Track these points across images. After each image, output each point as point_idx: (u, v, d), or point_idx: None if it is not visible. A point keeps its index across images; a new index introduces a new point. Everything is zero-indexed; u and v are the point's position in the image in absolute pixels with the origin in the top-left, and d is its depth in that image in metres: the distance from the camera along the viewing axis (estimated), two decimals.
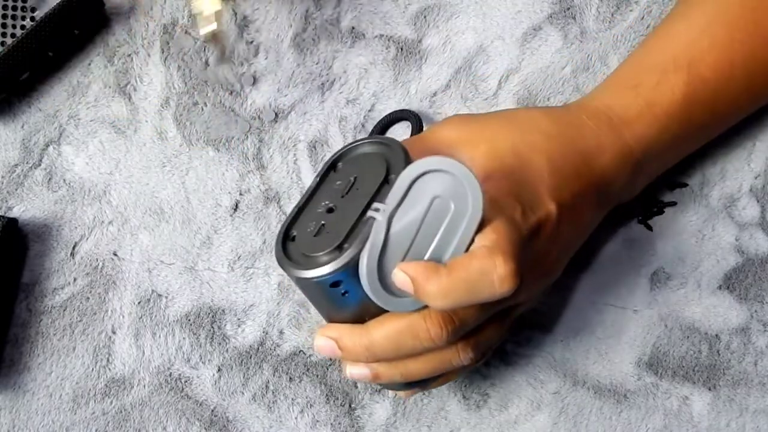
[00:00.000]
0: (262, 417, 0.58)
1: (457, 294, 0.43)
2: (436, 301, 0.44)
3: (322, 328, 0.48)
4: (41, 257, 0.58)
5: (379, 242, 0.43)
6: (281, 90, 0.60)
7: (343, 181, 0.47)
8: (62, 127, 0.59)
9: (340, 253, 0.43)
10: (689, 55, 0.53)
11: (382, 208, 0.43)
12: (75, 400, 0.58)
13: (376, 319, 0.47)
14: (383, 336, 0.46)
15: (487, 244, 0.44)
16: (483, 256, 0.43)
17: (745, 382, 0.59)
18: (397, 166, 0.45)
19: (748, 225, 0.60)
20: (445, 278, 0.43)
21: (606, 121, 0.52)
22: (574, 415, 0.59)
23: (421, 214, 0.43)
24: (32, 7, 0.58)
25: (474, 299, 0.44)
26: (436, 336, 0.45)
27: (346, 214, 0.45)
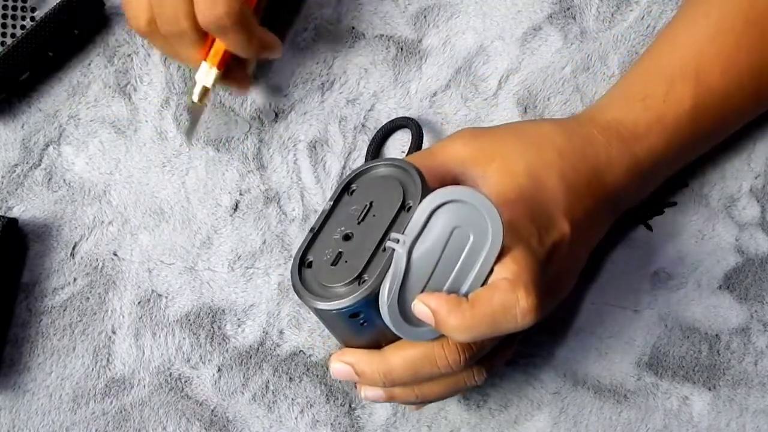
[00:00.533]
0: (262, 417, 0.58)
1: (480, 328, 0.43)
2: (458, 335, 0.44)
3: (339, 353, 0.48)
4: (41, 257, 0.58)
5: (399, 274, 0.43)
6: (281, 90, 0.60)
7: (358, 205, 0.46)
8: (62, 127, 0.59)
9: (360, 285, 0.43)
10: (696, 64, 0.53)
11: (401, 239, 0.43)
12: (75, 400, 0.58)
13: (393, 345, 0.47)
14: (401, 363, 0.46)
15: (509, 277, 0.44)
16: (505, 290, 0.43)
17: (745, 382, 0.59)
18: (414, 192, 0.45)
19: (748, 225, 0.60)
20: (468, 313, 0.43)
21: (616, 136, 0.52)
22: (574, 415, 0.59)
23: (441, 245, 0.43)
24: (32, 7, 0.58)
25: (495, 332, 0.44)
26: (454, 363, 0.46)
27: (363, 242, 0.44)
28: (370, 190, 0.46)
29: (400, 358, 0.46)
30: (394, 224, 0.44)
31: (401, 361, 0.46)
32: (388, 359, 0.47)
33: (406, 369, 0.47)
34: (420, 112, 0.60)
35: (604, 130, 0.52)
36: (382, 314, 0.44)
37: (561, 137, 0.51)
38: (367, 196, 0.46)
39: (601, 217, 0.53)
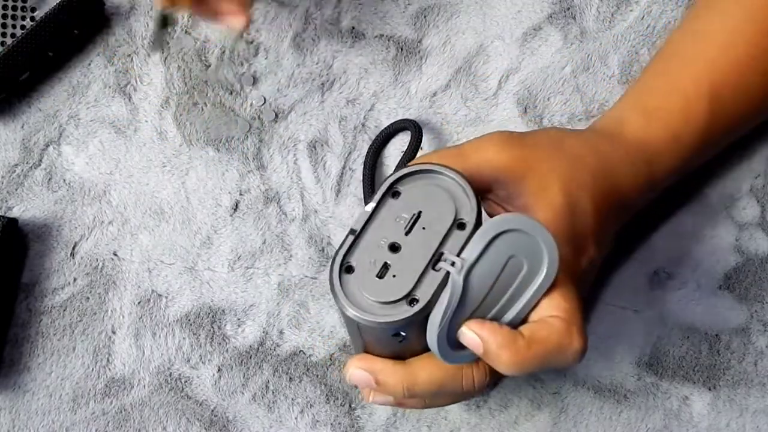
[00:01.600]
0: (262, 417, 0.58)
1: (531, 365, 0.42)
2: (506, 369, 0.42)
3: (359, 358, 0.47)
4: (41, 257, 0.58)
5: (455, 300, 0.41)
6: (281, 90, 0.60)
7: (405, 213, 0.43)
8: (62, 127, 0.59)
9: (411, 305, 0.41)
10: (710, 78, 0.53)
11: (458, 263, 0.41)
12: (75, 400, 0.58)
13: (420, 360, 0.46)
14: (427, 379, 0.45)
15: (561, 315, 0.42)
16: (560, 331, 0.42)
17: (745, 382, 0.59)
18: (467, 210, 0.43)
19: (748, 225, 0.60)
20: (523, 350, 0.42)
21: (642, 157, 0.52)
22: (574, 415, 0.59)
23: (497, 273, 0.42)
24: (32, 7, 0.58)
25: (543, 368, 0.44)
26: (479, 384, 0.45)
27: (412, 257, 0.42)
28: (418, 198, 0.44)
29: (427, 374, 0.45)
30: (445, 242, 0.42)
31: (427, 377, 0.45)
32: (414, 374, 0.45)
33: (431, 385, 0.45)
34: (420, 112, 0.60)
35: (631, 151, 0.52)
36: (429, 338, 0.42)
37: (594, 159, 0.50)
38: (414, 204, 0.43)
39: (616, 233, 0.53)
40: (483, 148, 0.48)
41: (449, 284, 0.41)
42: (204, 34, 0.60)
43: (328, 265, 0.54)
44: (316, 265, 0.59)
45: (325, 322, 0.59)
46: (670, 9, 0.61)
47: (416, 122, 0.58)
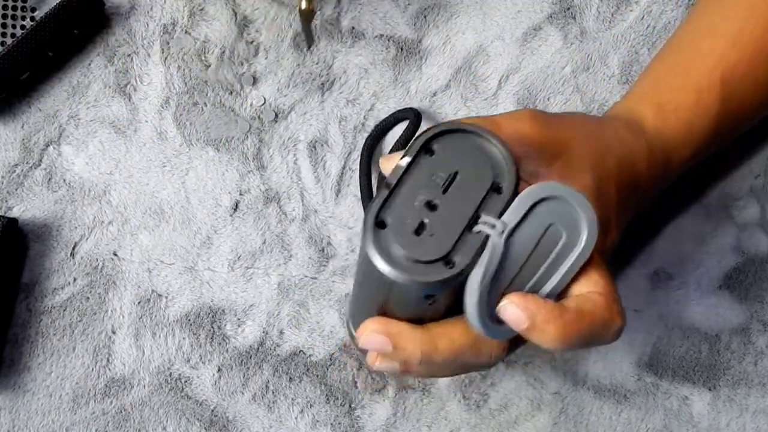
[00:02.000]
0: (262, 417, 0.58)
1: (577, 340, 0.41)
2: (553, 344, 0.41)
3: (376, 320, 0.44)
4: (41, 257, 0.58)
5: (494, 265, 0.39)
6: (281, 90, 0.60)
7: (442, 172, 0.41)
8: (62, 127, 0.59)
9: (448, 267, 0.39)
10: (721, 71, 0.53)
11: (498, 225, 0.39)
12: (75, 400, 0.58)
13: (441, 326, 0.43)
14: (447, 347, 0.43)
15: (601, 292, 0.42)
16: (604, 307, 0.41)
17: (745, 382, 0.59)
18: (504, 174, 0.41)
19: (748, 225, 0.60)
20: (572, 324, 0.41)
21: (660, 147, 0.52)
22: (574, 415, 0.59)
23: (535, 240, 0.40)
24: (32, 7, 0.58)
25: (585, 345, 0.42)
26: (497, 357, 0.44)
27: (450, 217, 0.40)
28: (454, 158, 0.42)
29: (448, 341, 0.43)
30: (483, 205, 0.40)
31: (448, 345, 0.43)
32: (435, 340, 0.43)
33: (451, 353, 0.43)
34: (420, 112, 0.60)
35: (651, 142, 0.52)
36: (466, 304, 0.40)
37: (619, 148, 0.50)
38: (450, 163, 0.41)
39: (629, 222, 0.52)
40: (517, 121, 0.47)
41: (489, 247, 0.39)
42: (204, 34, 0.60)
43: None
44: (316, 265, 0.59)
45: (325, 322, 0.59)
46: (670, 9, 0.61)
47: (416, 110, 0.58)
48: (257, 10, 0.60)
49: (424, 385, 0.59)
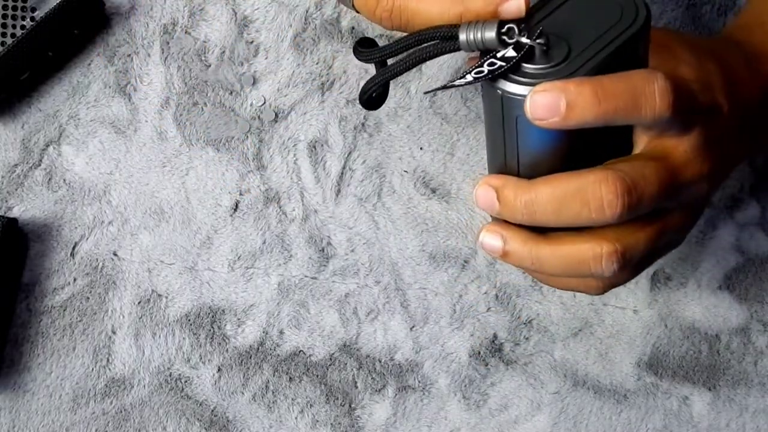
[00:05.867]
0: (262, 417, 0.58)
1: (616, 100, 0.40)
2: (592, 106, 0.39)
3: (486, 177, 0.43)
4: (41, 257, 0.58)
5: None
6: (281, 90, 0.60)
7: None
8: (62, 127, 0.59)
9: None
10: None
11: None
12: (75, 400, 0.58)
13: (545, 176, 0.42)
14: (549, 193, 0.42)
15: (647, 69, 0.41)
16: (643, 71, 0.41)
17: (745, 382, 0.59)
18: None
19: (748, 225, 0.60)
20: (607, 80, 0.40)
21: (743, 56, 0.50)
22: (574, 415, 0.59)
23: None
24: (32, 7, 0.58)
25: (631, 114, 0.40)
26: (609, 204, 0.40)
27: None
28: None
29: (551, 188, 0.41)
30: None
31: (550, 192, 0.41)
32: (537, 187, 0.42)
33: (554, 202, 0.41)
34: (420, 112, 0.60)
35: (737, 44, 0.51)
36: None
37: (712, 44, 0.49)
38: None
39: (744, 131, 0.49)
40: None
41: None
42: (204, 34, 0.60)
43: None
44: (316, 265, 0.59)
45: (325, 322, 0.59)
46: (670, 9, 0.61)
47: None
48: (257, 10, 0.60)
49: (424, 385, 0.59)
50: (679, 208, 0.45)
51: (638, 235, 0.43)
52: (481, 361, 0.59)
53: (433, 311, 0.59)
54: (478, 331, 0.59)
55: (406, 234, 0.59)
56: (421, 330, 0.59)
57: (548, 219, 0.42)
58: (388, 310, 0.59)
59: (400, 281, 0.59)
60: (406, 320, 0.59)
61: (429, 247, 0.59)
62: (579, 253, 0.43)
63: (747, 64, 0.50)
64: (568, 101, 0.39)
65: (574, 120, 0.39)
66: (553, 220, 0.42)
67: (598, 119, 0.40)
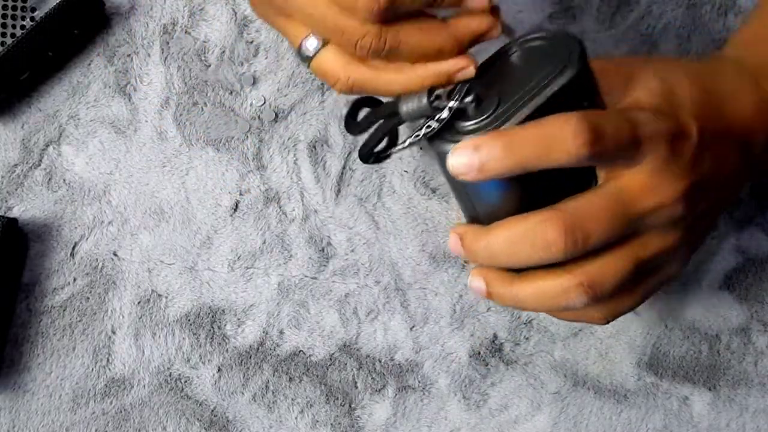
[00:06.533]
0: (262, 417, 0.58)
1: (526, 148, 0.41)
2: (503, 158, 0.41)
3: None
4: (41, 257, 0.58)
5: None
6: (281, 90, 0.60)
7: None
8: (62, 127, 0.59)
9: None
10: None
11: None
12: (75, 400, 0.58)
13: (499, 221, 0.45)
14: (502, 238, 0.44)
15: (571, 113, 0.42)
16: (559, 116, 0.41)
17: (745, 382, 0.59)
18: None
19: (748, 225, 0.60)
20: (519, 130, 0.41)
21: (742, 71, 0.51)
22: (574, 415, 0.59)
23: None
24: (32, 7, 0.58)
25: (545, 159, 0.41)
26: (553, 243, 0.43)
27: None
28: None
29: (501, 232, 0.44)
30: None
31: (502, 236, 0.44)
32: (490, 233, 0.44)
33: (505, 245, 0.44)
34: None
35: (730, 65, 0.51)
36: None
37: (692, 63, 0.50)
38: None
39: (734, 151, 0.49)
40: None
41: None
42: (204, 34, 0.60)
43: (325, 265, 0.56)
44: (316, 265, 0.59)
45: (325, 322, 0.59)
46: (670, 9, 0.61)
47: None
48: None
49: (424, 385, 0.59)
50: (653, 232, 0.45)
51: (606, 265, 0.45)
52: (481, 361, 0.59)
53: (433, 311, 0.59)
54: (478, 331, 0.59)
55: (406, 234, 0.59)
56: (421, 330, 0.59)
57: (507, 261, 0.45)
58: (388, 310, 0.59)
59: (400, 281, 0.59)
60: (406, 320, 0.59)
61: (429, 247, 0.59)
62: (549, 288, 0.45)
63: (751, 82, 0.50)
64: (480, 157, 0.41)
65: (490, 173, 0.42)
66: (513, 262, 0.45)
67: (513, 169, 0.42)
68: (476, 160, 0.42)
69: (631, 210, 0.44)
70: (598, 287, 0.45)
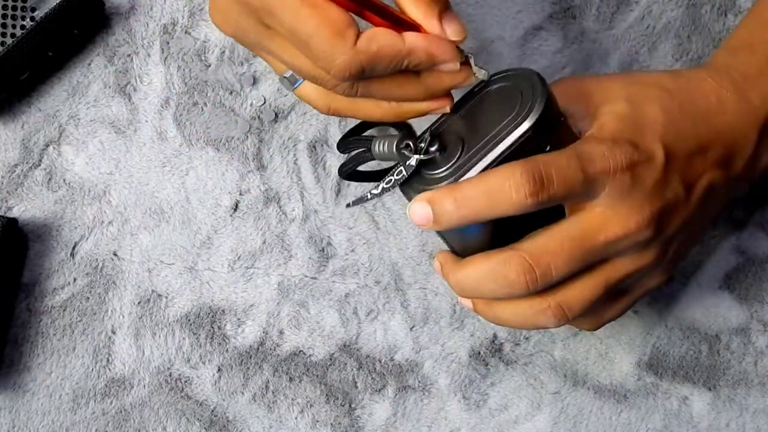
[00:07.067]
0: (262, 417, 0.58)
1: (473, 202, 0.44)
2: (454, 212, 0.44)
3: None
4: (41, 257, 0.58)
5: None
6: (281, 90, 0.60)
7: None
8: (62, 127, 0.59)
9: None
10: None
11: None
12: (75, 400, 0.58)
13: (470, 257, 0.47)
14: (471, 275, 0.46)
15: (521, 159, 0.44)
16: (505, 166, 0.44)
17: (745, 382, 0.59)
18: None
19: (748, 225, 0.60)
20: (466, 186, 0.44)
21: (728, 79, 0.51)
22: (574, 415, 0.59)
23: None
24: (32, 7, 0.58)
25: (493, 211, 0.44)
26: (515, 283, 0.45)
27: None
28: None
29: (469, 270, 0.46)
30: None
31: (470, 272, 0.46)
32: (460, 269, 0.47)
33: (474, 282, 0.47)
34: None
35: (714, 75, 0.51)
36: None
37: (668, 77, 0.50)
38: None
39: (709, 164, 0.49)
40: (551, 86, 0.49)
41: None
42: (204, 34, 0.60)
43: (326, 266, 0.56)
44: (316, 265, 0.59)
45: (325, 322, 0.59)
46: (670, 9, 0.61)
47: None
48: None
49: (424, 385, 0.59)
50: (624, 256, 0.47)
51: (575, 290, 0.47)
52: (481, 361, 0.59)
53: (433, 311, 0.59)
54: (478, 331, 0.59)
55: (406, 234, 0.59)
56: (421, 330, 0.59)
57: (479, 295, 0.48)
58: (388, 310, 0.59)
59: (400, 281, 0.59)
60: (406, 320, 0.59)
61: (429, 247, 0.59)
62: (524, 310, 0.47)
63: (735, 92, 0.50)
64: (433, 210, 0.44)
65: (443, 225, 0.45)
66: (483, 296, 0.48)
67: (464, 221, 0.44)
68: (430, 213, 0.44)
69: (594, 242, 0.45)
70: (567, 310, 0.47)
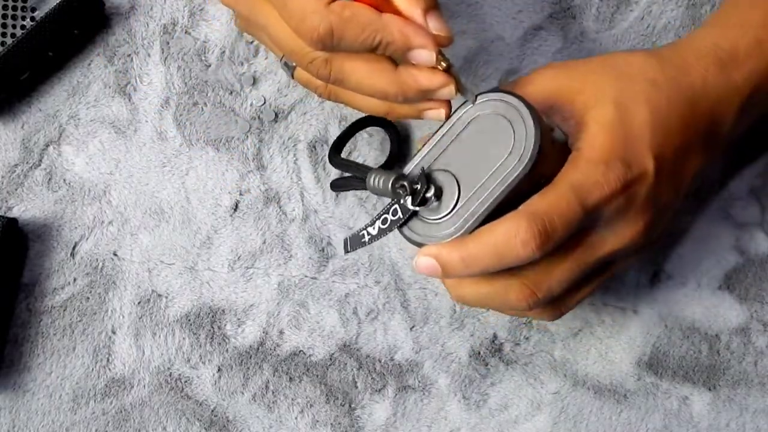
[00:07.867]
0: (262, 417, 0.58)
1: (481, 260, 0.45)
2: (463, 268, 0.45)
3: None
4: (41, 257, 0.58)
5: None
6: (281, 90, 0.60)
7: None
8: (62, 127, 0.59)
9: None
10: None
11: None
12: (75, 400, 0.58)
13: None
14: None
15: (522, 208, 0.45)
16: (509, 219, 0.45)
17: (745, 382, 0.59)
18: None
19: (748, 225, 0.60)
20: (472, 245, 0.45)
21: (714, 61, 0.50)
22: (574, 415, 0.59)
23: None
24: (32, 7, 0.58)
25: (501, 265, 0.45)
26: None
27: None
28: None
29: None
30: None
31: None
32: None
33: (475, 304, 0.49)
34: None
35: (700, 57, 0.50)
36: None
37: (654, 68, 0.50)
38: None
39: (696, 152, 0.50)
40: (536, 79, 0.50)
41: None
42: (204, 34, 0.60)
43: (326, 265, 0.56)
44: (316, 265, 0.59)
45: (325, 322, 0.59)
46: (670, 9, 0.61)
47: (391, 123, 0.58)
48: None
49: (424, 385, 0.59)
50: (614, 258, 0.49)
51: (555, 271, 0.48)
52: (481, 361, 0.59)
53: (433, 311, 0.59)
54: (478, 331, 0.59)
55: None
56: (421, 330, 0.59)
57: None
58: (388, 310, 0.59)
59: (400, 281, 0.59)
60: (406, 320, 0.59)
61: None
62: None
63: (720, 71, 0.50)
64: (441, 266, 0.46)
65: (453, 276, 0.47)
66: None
67: (473, 274, 0.46)
68: (438, 266, 0.46)
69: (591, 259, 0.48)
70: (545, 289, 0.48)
